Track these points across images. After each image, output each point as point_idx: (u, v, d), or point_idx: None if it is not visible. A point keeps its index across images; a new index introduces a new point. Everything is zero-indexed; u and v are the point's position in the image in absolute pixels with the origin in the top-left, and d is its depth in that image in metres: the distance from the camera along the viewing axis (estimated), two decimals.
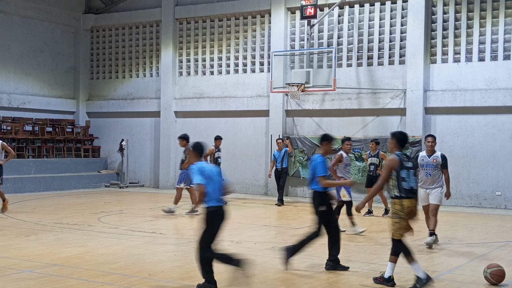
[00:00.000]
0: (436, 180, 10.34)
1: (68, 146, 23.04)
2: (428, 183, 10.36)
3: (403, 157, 7.38)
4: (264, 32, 20.67)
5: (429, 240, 10.29)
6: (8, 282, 7.44)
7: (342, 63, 19.04)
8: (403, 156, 7.40)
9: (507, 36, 16.88)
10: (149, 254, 9.51)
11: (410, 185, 7.31)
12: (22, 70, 22.55)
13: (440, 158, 10.35)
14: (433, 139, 10.41)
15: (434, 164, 10.31)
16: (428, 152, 10.44)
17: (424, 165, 10.39)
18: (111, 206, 16.08)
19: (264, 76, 20.48)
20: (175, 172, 22.19)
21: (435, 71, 17.79)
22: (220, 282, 7.18)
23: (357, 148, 18.15)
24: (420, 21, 17.70)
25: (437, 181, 10.35)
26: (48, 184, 20.57)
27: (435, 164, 10.32)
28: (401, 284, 7.59)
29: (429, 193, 10.38)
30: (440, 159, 10.35)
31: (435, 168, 10.32)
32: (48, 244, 10.10)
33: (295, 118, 19.84)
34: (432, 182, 10.33)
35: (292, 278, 7.82)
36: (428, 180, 10.36)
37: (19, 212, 14.50)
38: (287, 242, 10.78)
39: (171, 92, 22.23)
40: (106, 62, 24.36)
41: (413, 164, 7.49)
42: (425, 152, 10.51)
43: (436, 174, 10.34)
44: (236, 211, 15.80)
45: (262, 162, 20.03)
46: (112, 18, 23.90)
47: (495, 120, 16.88)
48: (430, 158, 10.39)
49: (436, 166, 10.32)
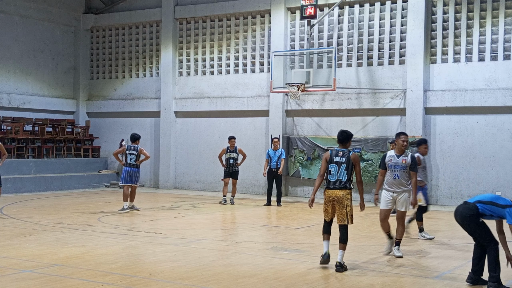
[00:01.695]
0: (405, 184, 9.40)
1: (68, 146, 23.04)
2: (396, 186, 9.41)
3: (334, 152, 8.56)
4: (264, 32, 20.68)
5: (397, 253, 9.39)
6: (8, 282, 7.44)
7: (342, 63, 19.04)
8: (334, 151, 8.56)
9: (507, 36, 16.88)
10: (149, 254, 9.51)
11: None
12: (22, 70, 22.56)
13: (410, 159, 9.42)
14: (406, 138, 9.55)
15: (403, 165, 9.35)
16: (398, 152, 9.46)
17: (392, 166, 9.39)
18: (111, 206, 16.08)
19: (264, 76, 20.49)
20: (175, 172, 22.22)
21: (435, 71, 17.79)
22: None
23: (357, 148, 18.15)
24: (420, 21, 17.71)
25: (406, 185, 9.41)
26: (48, 184, 20.57)
27: (405, 166, 9.36)
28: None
29: (396, 198, 9.42)
30: (410, 160, 9.41)
31: (404, 170, 9.36)
32: (48, 244, 10.10)
33: (295, 118, 19.84)
34: (400, 185, 9.39)
35: (293, 278, 7.82)
36: (396, 183, 9.40)
37: (19, 212, 14.50)
38: (287, 242, 10.80)
39: (171, 92, 22.23)
40: (106, 62, 24.36)
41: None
42: (394, 152, 9.51)
43: (405, 177, 9.38)
44: (236, 211, 15.81)
45: (262, 162, 20.00)
46: (112, 18, 23.91)
47: (495, 120, 16.88)
48: (399, 159, 9.42)
49: (405, 167, 9.36)
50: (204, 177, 21.39)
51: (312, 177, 19.01)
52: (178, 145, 22.21)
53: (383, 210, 9.49)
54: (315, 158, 18.97)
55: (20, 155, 20.97)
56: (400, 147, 9.42)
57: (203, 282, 7.56)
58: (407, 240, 11.27)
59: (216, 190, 20.93)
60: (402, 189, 9.36)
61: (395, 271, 8.40)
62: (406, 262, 9.04)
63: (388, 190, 9.43)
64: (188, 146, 22.02)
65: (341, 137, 8.67)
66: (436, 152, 17.57)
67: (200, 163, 21.64)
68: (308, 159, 19.08)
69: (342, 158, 8.49)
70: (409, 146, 17.39)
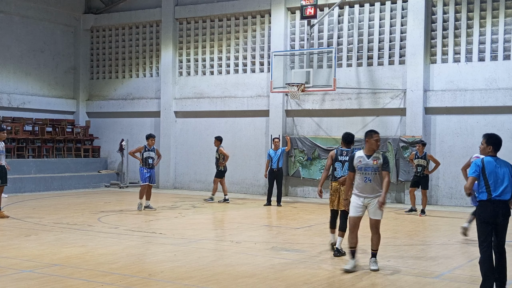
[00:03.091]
0: (377, 187, 8.26)
1: (68, 146, 23.04)
2: (367, 191, 8.27)
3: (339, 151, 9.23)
4: (264, 32, 20.67)
5: (372, 266, 8.36)
6: (8, 282, 7.44)
7: (342, 63, 19.04)
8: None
9: (507, 36, 16.88)
10: (149, 254, 9.52)
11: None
12: (22, 70, 22.56)
13: (382, 159, 8.31)
14: (379, 137, 8.48)
15: (374, 166, 8.23)
16: (368, 152, 8.36)
17: (362, 168, 8.28)
18: (111, 206, 16.08)
19: (264, 76, 20.49)
20: (175, 172, 22.22)
21: (435, 71, 17.79)
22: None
23: (357, 148, 18.09)
24: (420, 21, 17.70)
25: (378, 188, 8.26)
26: (48, 184, 20.56)
27: (376, 167, 8.24)
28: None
29: (368, 204, 8.29)
30: (382, 160, 8.30)
31: (375, 172, 8.24)
32: (48, 244, 10.10)
33: (295, 118, 19.83)
34: (372, 190, 8.25)
35: (292, 278, 7.82)
36: (367, 187, 8.26)
37: (19, 212, 14.49)
38: (287, 242, 10.80)
39: (171, 92, 22.23)
40: (106, 62, 24.36)
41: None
42: (363, 152, 8.42)
43: (377, 180, 8.27)
44: (236, 211, 15.81)
45: (262, 162, 20.01)
46: (112, 18, 23.91)
47: (495, 120, 16.88)
48: (369, 160, 8.31)
49: (377, 169, 8.24)
50: (204, 177, 21.38)
51: (312, 177, 19.02)
52: (178, 145, 22.21)
53: (352, 218, 8.41)
54: (315, 158, 18.96)
55: (20, 155, 20.96)
56: (371, 147, 8.35)
57: (203, 282, 7.56)
58: (407, 240, 11.27)
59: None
60: (375, 194, 8.24)
61: (395, 271, 8.40)
62: (406, 262, 9.04)
63: (359, 196, 8.33)
64: (188, 146, 22.02)
65: (348, 138, 9.68)
66: (436, 152, 17.56)
67: (200, 163, 21.63)
68: (308, 159, 19.07)
69: (346, 157, 9.38)
70: (409, 145, 17.49)
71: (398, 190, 18.02)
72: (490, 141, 7.18)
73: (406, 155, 17.45)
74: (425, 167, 15.10)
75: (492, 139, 7.20)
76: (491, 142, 7.17)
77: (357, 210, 8.35)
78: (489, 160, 7.09)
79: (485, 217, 6.91)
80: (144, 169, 15.21)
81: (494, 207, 6.86)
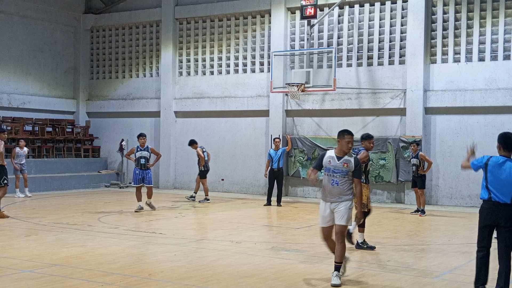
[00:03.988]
0: (345, 192, 7.54)
1: (68, 146, 23.04)
2: (333, 195, 7.54)
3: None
4: (264, 32, 20.67)
5: (334, 280, 7.47)
6: (8, 282, 7.44)
7: (342, 63, 19.04)
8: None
9: (507, 36, 16.88)
10: (149, 254, 9.52)
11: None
12: (22, 70, 22.56)
13: (354, 163, 7.55)
14: (352, 138, 7.66)
15: (344, 170, 7.51)
16: (339, 153, 7.62)
17: (330, 169, 7.55)
18: (111, 206, 16.08)
19: (264, 76, 20.49)
20: (175, 172, 22.21)
21: (435, 71, 17.79)
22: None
23: (357, 148, 18.10)
24: (420, 21, 17.70)
25: (346, 193, 7.56)
26: (48, 184, 20.56)
27: (346, 170, 7.51)
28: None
29: (334, 210, 7.54)
30: (353, 164, 7.55)
31: (345, 176, 7.52)
32: (48, 244, 10.10)
33: (295, 118, 19.83)
34: (339, 194, 7.53)
35: (292, 278, 7.82)
36: (334, 190, 7.53)
37: (19, 212, 14.50)
38: (287, 242, 10.80)
39: (171, 92, 22.23)
40: (106, 62, 24.36)
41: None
42: (333, 152, 7.67)
43: (346, 184, 7.53)
44: (236, 211, 15.80)
45: (262, 162, 20.01)
46: (112, 18, 23.91)
47: (495, 120, 16.88)
48: (339, 162, 7.56)
49: (346, 173, 7.52)
50: None
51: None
52: (178, 145, 22.20)
53: (321, 229, 7.71)
54: (315, 158, 18.96)
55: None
56: (342, 149, 7.60)
57: (203, 282, 7.56)
58: (407, 240, 11.27)
59: (216, 190, 20.94)
60: (342, 198, 7.51)
61: (395, 271, 8.40)
62: (406, 262, 9.04)
63: (325, 201, 7.62)
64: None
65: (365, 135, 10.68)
66: (436, 152, 17.57)
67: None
68: (308, 159, 19.08)
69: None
70: (409, 145, 17.48)
71: (398, 190, 18.02)
72: (499, 139, 7.06)
73: (406, 155, 17.45)
74: (419, 167, 15.08)
75: (500, 137, 7.07)
76: (499, 141, 7.03)
77: (325, 219, 7.59)
78: (496, 159, 6.93)
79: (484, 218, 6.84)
80: (137, 170, 14.91)
81: (494, 208, 6.72)
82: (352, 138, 7.62)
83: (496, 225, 6.80)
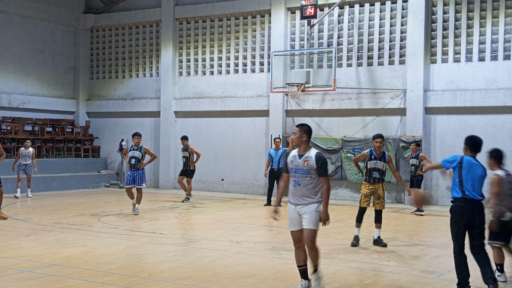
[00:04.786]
0: (310, 193, 6.85)
1: (68, 146, 23.03)
2: (297, 197, 6.91)
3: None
4: (264, 32, 20.67)
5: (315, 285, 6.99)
6: (8, 282, 7.44)
7: (342, 63, 19.03)
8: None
9: (507, 36, 16.88)
10: (149, 254, 9.52)
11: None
12: (22, 70, 22.55)
13: (315, 160, 6.79)
14: (300, 132, 6.96)
15: (305, 168, 6.81)
16: (300, 151, 6.97)
17: (292, 169, 6.91)
18: (111, 206, 16.08)
19: (264, 76, 20.48)
20: (175, 172, 22.20)
21: (435, 71, 17.79)
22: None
23: (357, 148, 18.14)
24: (420, 21, 17.70)
25: (312, 195, 6.85)
26: (48, 184, 20.56)
27: (307, 169, 6.79)
28: None
29: (300, 213, 6.90)
30: (315, 161, 6.79)
31: (306, 175, 6.81)
32: (48, 244, 10.10)
33: (295, 118, 19.82)
34: (302, 196, 6.86)
35: (292, 278, 7.81)
36: (297, 192, 6.89)
37: (19, 212, 14.49)
38: (287, 242, 10.78)
39: (171, 92, 22.23)
40: (106, 62, 24.36)
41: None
42: (296, 151, 7.00)
43: (309, 184, 6.83)
44: (236, 211, 15.80)
45: (262, 162, 20.01)
46: (112, 18, 23.90)
47: (495, 120, 16.88)
48: (300, 160, 6.89)
49: (308, 172, 6.80)
50: (204, 177, 21.38)
51: None
52: (178, 145, 22.15)
53: (291, 233, 7.08)
54: None
55: None
56: (296, 144, 7.00)
57: (203, 282, 7.56)
58: (407, 240, 11.27)
59: (216, 190, 20.94)
60: (307, 200, 6.85)
61: (395, 271, 8.40)
62: (406, 262, 9.04)
63: (291, 203, 7.03)
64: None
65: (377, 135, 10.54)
66: (436, 152, 17.56)
67: (200, 163, 21.51)
68: None
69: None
70: (409, 145, 17.47)
71: (398, 190, 18.01)
72: (466, 142, 7.47)
73: (406, 155, 17.43)
74: (418, 167, 15.06)
75: (468, 140, 7.48)
76: (466, 143, 7.45)
77: (293, 223, 6.97)
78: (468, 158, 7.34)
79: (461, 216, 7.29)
80: (129, 171, 14.62)
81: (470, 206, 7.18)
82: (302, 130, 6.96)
83: (471, 223, 7.18)
